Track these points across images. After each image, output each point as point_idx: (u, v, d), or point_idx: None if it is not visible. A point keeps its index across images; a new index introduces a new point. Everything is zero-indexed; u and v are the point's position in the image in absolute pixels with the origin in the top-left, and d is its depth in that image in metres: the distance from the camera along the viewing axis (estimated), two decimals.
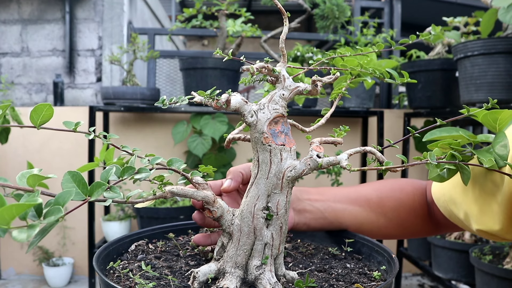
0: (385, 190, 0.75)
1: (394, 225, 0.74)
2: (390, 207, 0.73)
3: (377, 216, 0.72)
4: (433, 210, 0.76)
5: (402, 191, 0.76)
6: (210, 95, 0.45)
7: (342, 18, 2.23)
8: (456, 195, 0.68)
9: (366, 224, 0.72)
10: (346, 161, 0.45)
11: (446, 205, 0.71)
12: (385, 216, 0.73)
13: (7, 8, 2.98)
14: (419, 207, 0.75)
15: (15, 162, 2.61)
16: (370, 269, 0.58)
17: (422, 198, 0.76)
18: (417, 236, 0.82)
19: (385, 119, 2.57)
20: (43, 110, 0.47)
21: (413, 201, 0.75)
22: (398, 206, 0.74)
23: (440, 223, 0.76)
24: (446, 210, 0.71)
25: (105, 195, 0.40)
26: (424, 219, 0.76)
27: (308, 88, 0.50)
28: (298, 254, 0.63)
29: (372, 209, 0.72)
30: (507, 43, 1.61)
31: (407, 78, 0.65)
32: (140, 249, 0.62)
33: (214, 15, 2.23)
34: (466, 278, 1.93)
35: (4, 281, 2.61)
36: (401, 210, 0.74)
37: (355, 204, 0.72)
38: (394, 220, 0.73)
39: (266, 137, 0.48)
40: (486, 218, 0.63)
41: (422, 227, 0.77)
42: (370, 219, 0.72)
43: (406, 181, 0.79)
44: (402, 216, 0.74)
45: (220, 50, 0.47)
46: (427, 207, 0.76)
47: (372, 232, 0.72)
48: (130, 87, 2.32)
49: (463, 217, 0.67)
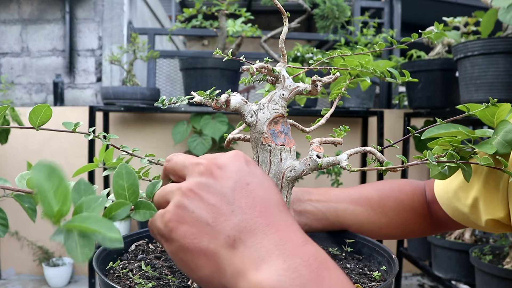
0: (386, 190, 0.76)
1: (395, 224, 0.74)
2: (390, 207, 0.73)
3: (378, 216, 0.73)
4: (434, 209, 0.76)
5: (402, 191, 0.76)
6: (210, 95, 0.45)
7: (342, 18, 2.23)
8: (459, 190, 0.68)
9: (367, 224, 0.72)
10: (346, 161, 0.45)
11: (449, 202, 0.71)
12: (386, 215, 0.73)
13: (7, 8, 2.98)
14: (419, 207, 0.76)
15: (15, 162, 2.61)
16: (370, 269, 0.58)
17: (422, 197, 0.77)
18: (417, 235, 0.82)
19: (385, 119, 2.57)
20: (41, 111, 0.47)
21: (413, 200, 0.75)
22: (399, 206, 0.74)
23: (441, 222, 0.77)
24: (449, 207, 0.71)
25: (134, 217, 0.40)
26: (424, 218, 0.76)
27: (308, 88, 0.50)
28: None
29: (374, 209, 0.73)
30: (507, 43, 1.61)
31: (408, 77, 0.65)
32: (140, 249, 0.62)
33: (214, 15, 2.23)
34: (466, 278, 1.93)
35: (4, 281, 2.61)
36: (402, 209, 0.74)
37: (357, 204, 0.72)
38: (395, 219, 0.74)
39: (266, 137, 0.48)
40: (492, 207, 0.64)
41: (422, 227, 0.77)
42: (372, 219, 0.72)
43: (404, 181, 0.80)
44: (403, 215, 0.74)
45: (220, 50, 0.47)
46: (426, 206, 0.77)
47: (373, 232, 0.72)
48: (130, 87, 2.32)
49: (468, 212, 0.68)
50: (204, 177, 0.40)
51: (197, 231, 0.38)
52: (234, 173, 0.40)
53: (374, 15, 3.05)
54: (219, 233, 0.37)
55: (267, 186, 0.41)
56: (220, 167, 0.40)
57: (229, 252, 0.37)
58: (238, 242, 0.37)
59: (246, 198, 0.38)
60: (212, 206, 0.38)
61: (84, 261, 0.30)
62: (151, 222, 0.41)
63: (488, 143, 0.58)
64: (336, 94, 0.66)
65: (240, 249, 0.36)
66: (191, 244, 0.37)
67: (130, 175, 0.42)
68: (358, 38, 2.48)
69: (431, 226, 0.78)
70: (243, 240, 0.37)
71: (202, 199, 0.38)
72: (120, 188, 0.41)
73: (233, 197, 0.38)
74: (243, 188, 0.39)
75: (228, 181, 0.39)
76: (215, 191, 0.39)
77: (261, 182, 0.40)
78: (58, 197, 0.30)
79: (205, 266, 0.37)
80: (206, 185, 0.39)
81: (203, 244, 0.37)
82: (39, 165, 0.30)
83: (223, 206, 0.38)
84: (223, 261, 0.37)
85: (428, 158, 0.46)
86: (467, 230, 1.97)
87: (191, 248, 0.37)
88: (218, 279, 0.37)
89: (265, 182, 0.41)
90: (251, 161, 0.42)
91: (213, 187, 0.39)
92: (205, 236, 0.37)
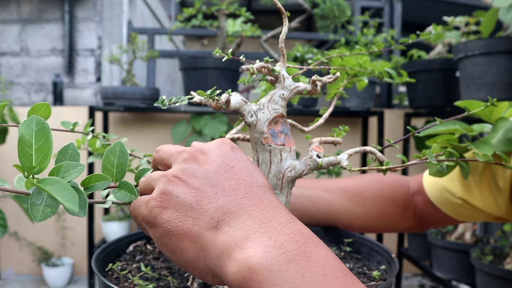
0: (363, 181, 0.75)
1: (373, 215, 0.73)
2: (368, 197, 0.73)
3: (355, 205, 0.72)
4: (418, 202, 0.75)
5: (382, 182, 0.75)
6: (210, 95, 0.45)
7: (342, 17, 2.22)
8: (452, 183, 0.68)
9: (343, 212, 0.71)
10: (346, 161, 0.44)
11: (440, 193, 0.71)
12: (363, 205, 0.72)
13: (6, 8, 2.97)
14: (400, 198, 0.74)
15: (14, 162, 2.60)
16: (370, 268, 0.57)
17: (404, 190, 0.76)
18: (398, 229, 0.80)
19: (386, 119, 2.57)
20: (40, 110, 0.47)
21: (393, 191, 0.74)
22: (377, 196, 0.73)
23: (426, 218, 0.75)
24: (440, 198, 0.71)
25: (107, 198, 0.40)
26: (405, 211, 0.75)
27: (308, 88, 0.49)
28: None
29: (349, 197, 0.72)
30: (507, 43, 1.60)
31: (405, 78, 0.64)
32: (139, 250, 0.61)
33: (214, 14, 2.22)
34: (467, 279, 1.92)
35: (4, 281, 2.60)
36: (380, 199, 0.73)
37: (331, 192, 0.72)
38: (373, 209, 0.73)
39: (266, 137, 0.48)
40: (488, 202, 0.64)
41: (403, 219, 0.76)
42: (347, 207, 0.71)
43: (386, 174, 0.79)
44: (381, 205, 0.73)
45: (219, 50, 0.46)
46: (408, 197, 0.75)
47: (351, 222, 0.71)
48: (130, 87, 2.32)
49: (460, 203, 0.68)
50: (188, 163, 0.40)
51: (181, 215, 0.38)
52: (218, 157, 0.40)
53: (375, 15, 3.05)
54: (203, 215, 0.37)
55: (252, 169, 0.41)
56: (204, 152, 0.41)
57: (213, 233, 0.37)
58: (222, 223, 0.37)
59: (230, 180, 0.39)
60: (196, 189, 0.38)
61: (41, 220, 0.31)
62: (135, 208, 0.41)
63: (487, 143, 0.57)
64: (333, 94, 0.66)
65: (224, 229, 0.36)
66: (175, 228, 0.38)
67: (122, 154, 0.42)
68: (358, 38, 2.47)
69: (414, 220, 0.76)
70: (227, 221, 0.37)
71: (186, 183, 0.39)
72: (110, 164, 0.42)
73: (216, 180, 0.39)
74: (227, 171, 0.39)
75: (211, 165, 0.40)
76: (198, 175, 0.39)
77: (246, 166, 0.41)
78: (38, 154, 0.32)
79: (189, 248, 0.37)
80: (190, 170, 0.40)
81: (187, 227, 0.37)
82: (30, 121, 0.33)
83: (206, 189, 0.38)
84: (206, 242, 0.37)
85: (428, 157, 0.45)
86: (467, 230, 1.97)
87: (175, 231, 0.38)
88: (203, 262, 0.37)
89: (250, 166, 0.41)
90: (236, 147, 0.43)
91: (197, 171, 0.39)
92: (189, 219, 0.37)
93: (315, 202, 0.70)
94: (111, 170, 0.42)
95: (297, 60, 2.25)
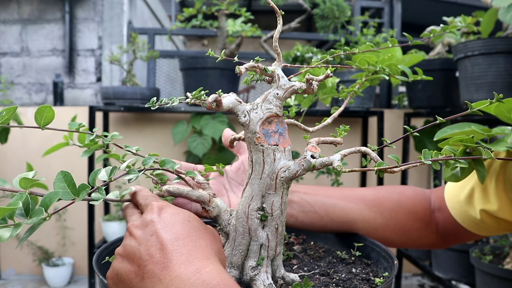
0: (383, 191, 0.73)
1: (393, 227, 0.70)
2: (387, 207, 0.70)
3: (373, 215, 0.69)
4: (440, 219, 0.73)
5: (401, 194, 0.73)
6: (196, 96, 0.45)
7: (342, 18, 2.22)
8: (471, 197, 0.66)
9: (360, 222, 0.68)
10: (339, 162, 0.44)
11: (460, 206, 0.69)
12: (381, 215, 0.69)
13: (6, 8, 2.98)
14: (421, 211, 0.72)
15: (14, 162, 2.61)
16: (375, 275, 0.56)
17: (424, 203, 0.73)
18: (421, 245, 0.76)
19: (385, 119, 2.57)
20: (44, 112, 0.48)
21: (413, 204, 0.72)
22: (396, 207, 0.71)
23: (449, 235, 0.73)
24: (460, 213, 0.69)
25: (92, 196, 0.40)
26: (427, 225, 0.72)
27: (303, 87, 0.49)
28: (306, 256, 0.62)
29: (368, 207, 0.69)
30: (507, 43, 1.60)
31: (421, 75, 0.63)
32: None
33: (214, 15, 2.23)
34: (466, 278, 1.92)
35: (4, 281, 2.61)
36: (400, 211, 0.70)
37: (348, 201, 0.69)
38: (392, 221, 0.70)
39: (259, 137, 0.48)
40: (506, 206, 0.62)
41: (425, 235, 0.73)
42: (365, 217, 0.69)
43: (407, 186, 0.76)
44: (401, 217, 0.70)
45: (212, 51, 0.47)
46: (429, 212, 0.73)
47: (368, 232, 0.69)
48: (130, 87, 2.32)
49: (480, 217, 0.66)
50: (127, 240, 0.46)
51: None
52: (140, 231, 0.45)
53: (374, 15, 3.05)
54: None
55: (170, 224, 0.45)
56: (137, 227, 0.46)
57: None
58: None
59: (149, 249, 0.43)
60: (131, 269, 0.44)
61: None
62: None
63: (503, 142, 0.55)
64: (348, 92, 0.64)
65: None
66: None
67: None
68: (358, 38, 2.47)
69: (436, 237, 0.73)
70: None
71: (124, 263, 0.45)
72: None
73: (139, 252, 0.43)
74: (148, 241, 0.44)
75: (134, 240, 0.45)
76: (132, 252, 0.44)
77: (165, 225, 0.44)
78: None
79: None
80: (128, 246, 0.45)
81: None
82: None
83: (134, 268, 0.43)
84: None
85: (423, 159, 0.45)
86: None
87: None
88: None
89: (169, 223, 0.45)
90: (164, 208, 0.47)
91: (132, 248, 0.45)
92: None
93: (329, 211, 0.67)
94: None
95: (297, 60, 2.25)
